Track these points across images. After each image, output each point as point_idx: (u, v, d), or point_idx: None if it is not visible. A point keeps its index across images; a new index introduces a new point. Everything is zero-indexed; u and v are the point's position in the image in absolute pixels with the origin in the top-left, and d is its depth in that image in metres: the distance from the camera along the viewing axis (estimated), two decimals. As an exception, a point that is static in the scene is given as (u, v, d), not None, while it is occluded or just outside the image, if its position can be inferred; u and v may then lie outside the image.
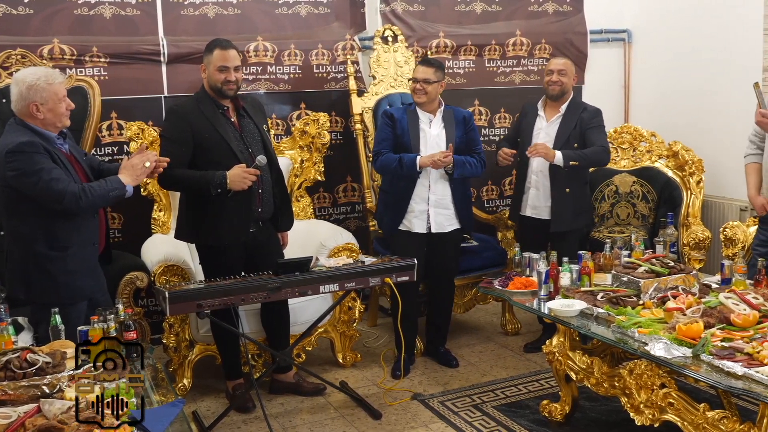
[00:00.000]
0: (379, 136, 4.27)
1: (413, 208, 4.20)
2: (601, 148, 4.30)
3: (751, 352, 2.65)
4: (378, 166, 4.26)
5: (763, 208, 3.74)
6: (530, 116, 4.48)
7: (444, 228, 4.24)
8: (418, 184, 4.18)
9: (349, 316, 4.36)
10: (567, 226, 4.38)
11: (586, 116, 4.36)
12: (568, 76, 4.37)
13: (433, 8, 5.39)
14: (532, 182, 4.44)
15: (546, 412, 3.66)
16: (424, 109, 4.23)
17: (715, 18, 5.19)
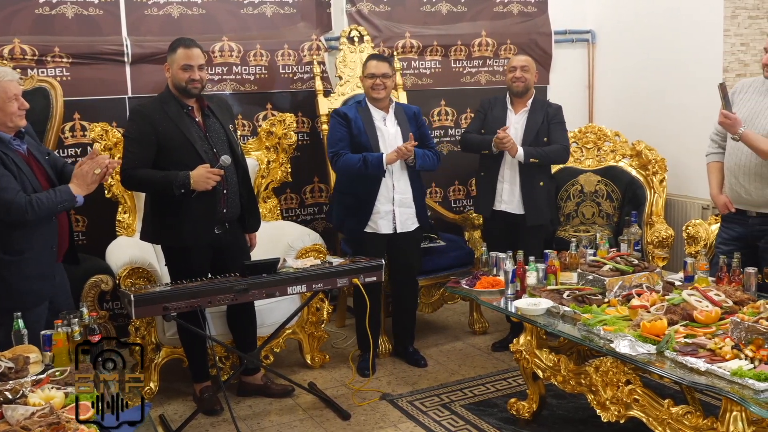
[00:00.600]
0: (334, 136, 4.18)
1: (378, 209, 4.17)
2: (561, 147, 4.37)
3: (713, 348, 2.69)
4: (339, 167, 4.18)
5: (725, 206, 3.79)
6: (498, 110, 4.49)
7: (408, 227, 4.25)
8: (382, 184, 4.15)
9: (317, 317, 4.35)
10: (543, 219, 4.43)
11: (551, 111, 4.43)
12: (531, 72, 4.41)
13: (399, 9, 5.39)
14: (505, 177, 4.45)
15: (514, 410, 3.69)
16: (377, 106, 4.21)
17: (676, 19, 5.26)
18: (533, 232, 4.43)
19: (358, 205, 4.20)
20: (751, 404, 2.37)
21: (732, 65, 4.94)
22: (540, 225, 4.45)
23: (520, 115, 4.44)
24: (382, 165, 4.06)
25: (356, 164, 4.08)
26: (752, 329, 2.67)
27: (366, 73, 4.19)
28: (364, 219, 4.19)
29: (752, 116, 3.62)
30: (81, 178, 3.11)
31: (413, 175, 4.24)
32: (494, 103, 4.53)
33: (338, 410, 3.81)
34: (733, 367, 2.54)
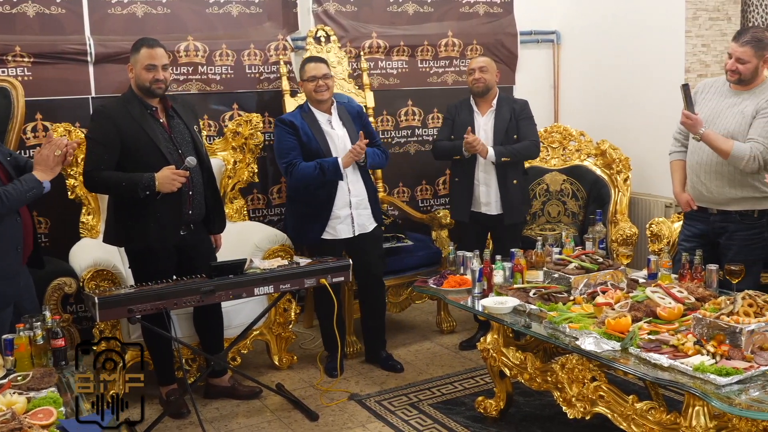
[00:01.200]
0: (285, 145, 4.07)
1: (337, 214, 4.13)
2: (531, 143, 4.40)
3: (676, 344, 2.72)
4: (296, 178, 4.05)
5: (688, 204, 3.85)
6: (465, 114, 4.51)
7: (366, 228, 4.23)
8: (338, 188, 4.11)
9: (284, 318, 4.33)
10: (519, 217, 4.45)
11: (518, 108, 4.46)
12: (490, 72, 4.44)
13: (366, 9, 5.40)
14: (481, 179, 4.47)
15: (481, 409, 3.71)
16: (321, 109, 4.16)
17: (639, 20, 5.33)
18: (511, 231, 4.46)
19: (315, 213, 4.13)
20: (713, 399, 2.41)
21: (693, 66, 5.02)
22: (517, 223, 4.48)
23: (487, 116, 4.46)
24: (339, 169, 4.02)
25: (313, 172, 4.01)
26: (714, 325, 2.71)
27: (306, 76, 4.12)
28: (322, 226, 4.13)
29: (713, 116, 3.67)
30: (43, 163, 3.04)
31: (365, 176, 4.23)
32: (460, 108, 4.55)
33: (306, 411, 3.80)
34: (696, 362, 2.57)
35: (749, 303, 2.78)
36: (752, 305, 2.77)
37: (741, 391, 2.44)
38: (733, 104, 3.65)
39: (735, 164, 3.56)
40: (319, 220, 4.12)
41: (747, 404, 2.38)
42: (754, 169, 3.54)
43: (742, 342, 2.63)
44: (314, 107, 4.17)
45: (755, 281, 3.69)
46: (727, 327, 2.68)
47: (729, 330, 2.67)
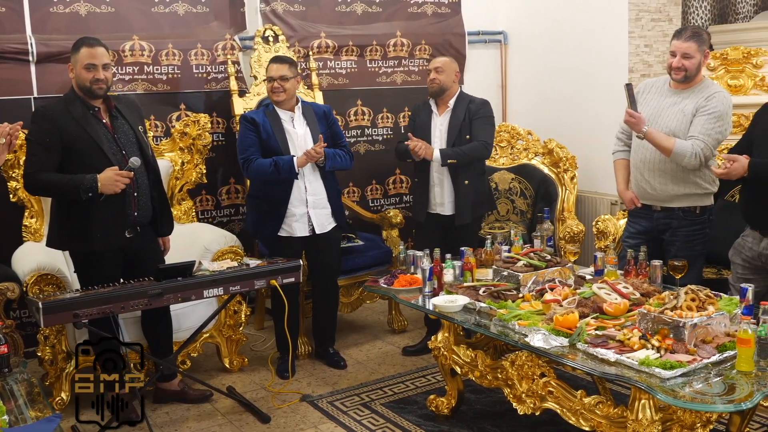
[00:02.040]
0: (245, 142, 4.13)
1: (293, 212, 4.15)
2: (480, 144, 4.39)
3: (622, 339, 2.77)
4: (251, 174, 4.13)
5: (632, 201, 3.92)
6: (424, 114, 4.53)
7: (325, 228, 4.24)
8: (294, 187, 4.13)
9: (234, 320, 4.29)
10: (467, 218, 4.48)
11: (473, 107, 4.46)
12: (446, 73, 4.45)
13: (314, 8, 5.38)
14: (435, 180, 4.49)
15: (433, 407, 3.73)
16: (283, 108, 4.18)
17: (584, 21, 5.42)
18: (463, 232, 4.48)
19: (272, 210, 4.15)
20: (658, 392, 2.46)
21: (637, 66, 5.12)
22: (467, 224, 4.50)
23: (444, 116, 4.48)
24: (293, 168, 4.04)
25: (268, 169, 4.04)
26: (658, 320, 2.77)
27: (266, 76, 4.19)
28: (278, 223, 4.15)
29: (655, 115, 3.75)
30: None
31: (327, 176, 4.23)
32: (421, 108, 4.57)
33: (258, 413, 3.78)
34: (641, 356, 2.62)
35: (692, 297, 2.84)
36: (695, 300, 2.84)
37: (685, 383, 2.50)
38: (674, 103, 3.73)
39: (677, 161, 3.64)
40: (276, 218, 4.15)
41: (691, 396, 2.43)
42: (695, 165, 3.63)
43: (685, 336, 2.69)
44: (277, 106, 4.19)
45: (698, 276, 3.78)
46: (670, 321, 2.74)
47: (673, 324, 2.73)
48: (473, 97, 4.57)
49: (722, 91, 3.72)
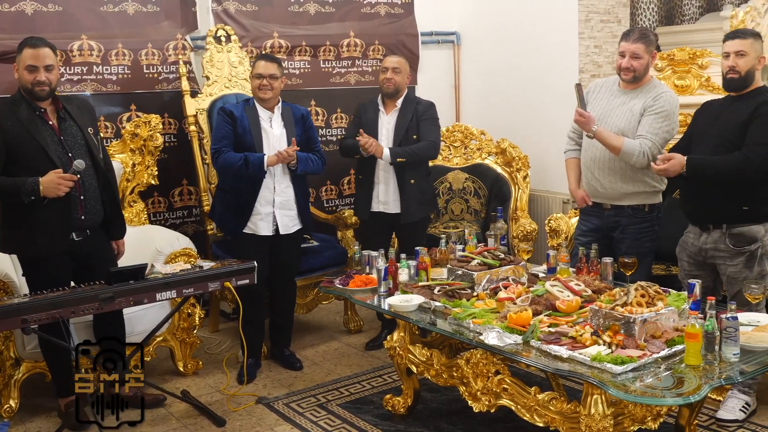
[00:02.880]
0: (219, 133, 4.15)
1: (258, 211, 4.14)
2: (429, 143, 4.45)
3: (574, 335, 2.81)
4: (220, 165, 4.14)
5: (583, 200, 3.98)
6: (371, 112, 4.54)
7: (290, 229, 4.23)
8: (263, 185, 4.12)
9: (188, 323, 4.25)
10: (415, 216, 4.50)
11: (421, 108, 4.50)
12: (402, 74, 4.48)
13: (267, 8, 5.35)
14: (380, 177, 4.50)
15: (389, 406, 3.73)
16: (264, 106, 4.18)
17: (535, 22, 5.48)
18: (411, 229, 4.51)
19: (239, 205, 4.15)
20: (610, 387, 2.50)
21: (587, 66, 5.20)
22: (414, 222, 4.53)
23: (391, 116, 4.50)
24: (263, 166, 4.03)
25: (237, 163, 4.04)
26: (609, 316, 2.82)
27: (254, 73, 4.16)
28: (244, 220, 4.14)
29: (605, 114, 3.82)
30: None
31: (296, 178, 4.22)
32: (368, 107, 4.58)
33: (213, 417, 3.74)
34: (593, 352, 2.66)
35: (642, 294, 2.90)
36: (644, 296, 2.90)
37: (636, 378, 2.54)
38: (622, 103, 3.80)
39: (626, 160, 3.70)
40: (241, 214, 4.14)
41: (641, 391, 2.48)
42: (643, 164, 3.70)
43: (635, 331, 2.74)
44: (258, 103, 4.18)
45: (647, 272, 3.86)
46: (621, 317, 2.79)
47: (623, 320, 2.78)
48: (419, 98, 4.61)
49: (669, 91, 3.80)
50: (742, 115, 3.38)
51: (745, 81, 3.41)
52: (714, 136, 3.46)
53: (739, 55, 3.38)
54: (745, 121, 3.36)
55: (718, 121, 3.48)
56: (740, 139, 3.37)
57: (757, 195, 3.40)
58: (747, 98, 3.42)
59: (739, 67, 3.39)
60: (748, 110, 3.37)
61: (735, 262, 3.43)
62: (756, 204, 3.40)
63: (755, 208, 3.40)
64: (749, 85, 3.42)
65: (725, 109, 3.49)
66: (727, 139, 3.40)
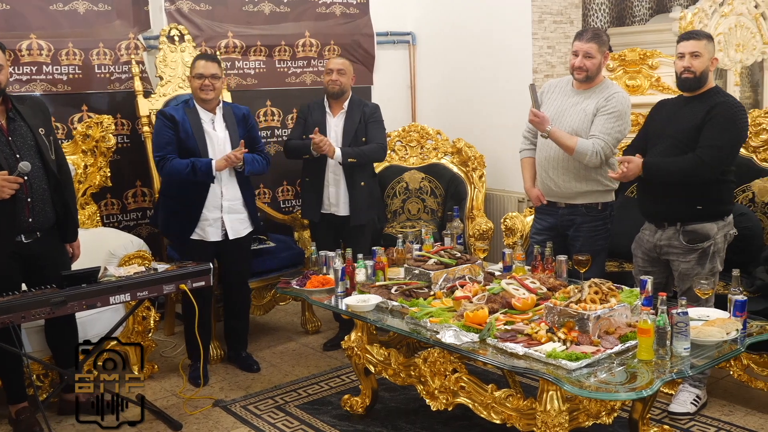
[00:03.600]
0: (161, 139, 4.02)
1: (206, 216, 4.07)
2: (378, 145, 4.48)
3: (530, 332, 2.85)
4: (166, 173, 4.02)
5: (538, 199, 4.03)
6: (317, 114, 4.53)
7: (240, 233, 4.19)
8: (210, 191, 4.05)
9: (143, 326, 4.19)
10: (364, 218, 4.51)
11: (368, 111, 4.52)
12: (347, 75, 4.48)
13: (221, 8, 5.30)
14: (330, 180, 4.50)
15: (348, 407, 3.73)
16: (206, 108, 4.10)
17: (489, 23, 5.52)
18: (359, 232, 4.51)
19: (185, 211, 4.07)
20: (565, 383, 2.54)
21: (540, 66, 5.26)
22: (364, 224, 4.53)
23: (338, 117, 4.50)
24: (211, 172, 3.97)
25: (184, 170, 3.95)
26: (564, 313, 2.86)
27: (194, 73, 4.06)
28: (191, 226, 4.07)
29: (559, 114, 3.87)
30: None
31: (243, 180, 4.17)
32: (313, 108, 4.56)
33: (169, 421, 3.70)
34: (548, 349, 2.70)
35: (595, 291, 2.94)
36: (598, 292, 2.94)
37: (590, 374, 2.58)
38: (576, 103, 3.85)
39: (579, 159, 3.76)
40: (189, 220, 4.07)
41: (596, 386, 2.52)
42: (596, 163, 3.76)
43: (589, 328, 2.79)
44: (199, 105, 4.09)
45: (601, 270, 3.92)
46: (575, 314, 2.83)
47: (578, 317, 2.82)
48: (365, 100, 4.64)
49: (621, 92, 3.86)
50: (696, 117, 3.44)
51: (700, 81, 3.47)
52: (669, 137, 3.52)
53: (694, 56, 3.44)
54: (699, 124, 3.41)
55: (673, 122, 3.54)
56: (694, 141, 3.42)
57: (711, 195, 3.47)
58: (701, 99, 3.48)
59: (695, 67, 3.45)
60: (702, 112, 3.42)
61: (688, 258, 3.50)
62: (710, 203, 3.47)
63: (709, 207, 3.47)
64: (703, 85, 3.48)
65: (680, 110, 3.55)
66: (681, 141, 3.46)
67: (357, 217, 4.47)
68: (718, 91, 3.52)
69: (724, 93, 3.55)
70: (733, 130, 3.41)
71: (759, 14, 6.00)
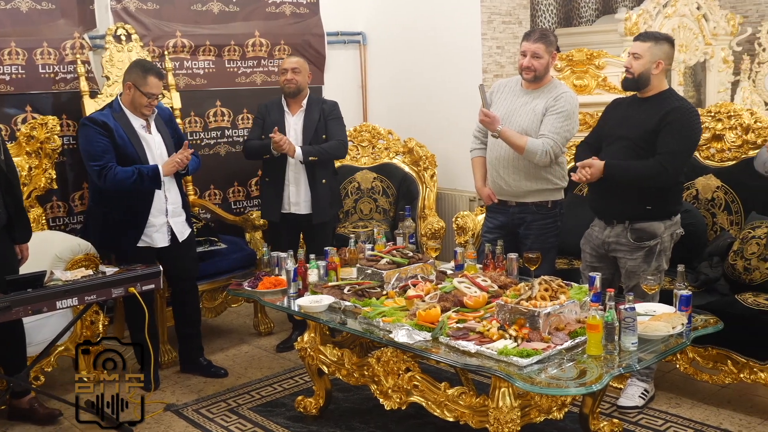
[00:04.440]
0: (97, 148, 3.81)
1: (153, 223, 3.99)
2: (338, 142, 4.47)
3: (482, 330, 2.87)
4: (110, 183, 3.81)
5: (489, 197, 4.06)
6: (275, 113, 4.51)
7: (184, 235, 4.14)
8: (155, 196, 3.97)
9: (92, 331, 4.11)
10: (326, 216, 4.51)
11: (327, 108, 4.52)
12: (302, 74, 4.47)
13: (169, 7, 5.23)
14: (290, 179, 4.47)
15: (301, 408, 3.72)
16: (135, 114, 3.96)
17: (439, 23, 5.56)
18: (320, 230, 4.50)
19: (131, 220, 3.96)
20: (516, 380, 2.56)
21: (490, 67, 5.31)
22: (325, 222, 4.52)
23: (297, 116, 4.49)
24: (159, 177, 3.89)
25: (130, 178, 3.82)
26: (515, 310, 2.89)
27: (146, 91, 3.85)
28: (138, 234, 3.97)
29: (509, 114, 3.91)
30: None
31: (179, 182, 4.14)
32: (271, 108, 4.54)
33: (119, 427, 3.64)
34: (500, 346, 2.72)
35: (545, 288, 2.98)
36: (548, 290, 2.98)
37: (541, 370, 2.62)
38: (525, 102, 3.90)
39: (529, 158, 3.80)
40: (135, 228, 3.96)
41: (546, 382, 2.55)
42: (546, 162, 3.81)
43: (540, 324, 2.82)
44: (130, 110, 3.94)
45: (551, 267, 3.97)
46: (526, 311, 2.86)
47: (528, 314, 2.85)
48: (323, 98, 4.63)
49: (569, 91, 3.92)
50: (651, 121, 3.47)
51: (638, 82, 3.52)
52: (623, 138, 3.55)
53: (634, 57, 3.51)
54: (655, 128, 3.45)
55: (626, 123, 3.58)
56: (649, 143, 3.47)
57: (660, 195, 3.52)
58: (655, 102, 3.52)
59: (633, 68, 3.51)
60: (656, 116, 3.46)
61: (634, 256, 3.56)
62: (659, 203, 3.53)
63: (658, 207, 3.53)
64: (642, 87, 3.53)
65: (634, 111, 3.58)
66: (636, 143, 3.50)
67: (319, 215, 4.46)
68: (671, 94, 3.57)
69: (679, 97, 3.59)
70: (690, 136, 3.49)
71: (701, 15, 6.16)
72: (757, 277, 3.63)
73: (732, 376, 3.56)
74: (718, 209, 4.11)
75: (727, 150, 4.15)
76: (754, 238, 3.71)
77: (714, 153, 4.20)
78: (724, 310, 3.43)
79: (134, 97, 3.91)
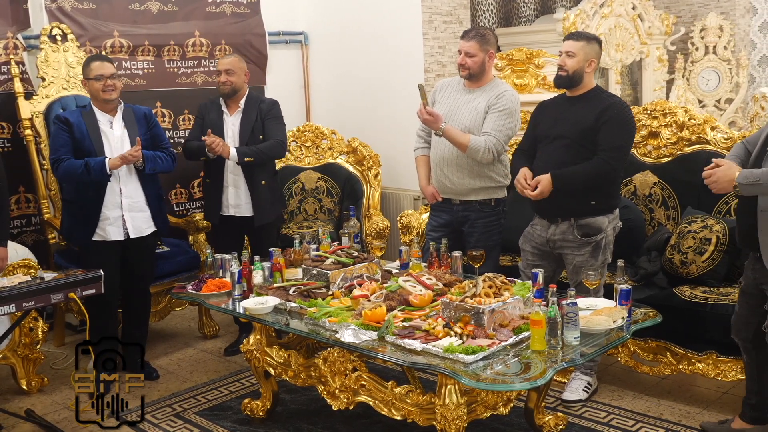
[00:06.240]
0: (56, 142, 3.96)
1: (107, 216, 3.98)
2: (276, 142, 4.43)
3: (427, 328, 2.89)
4: (60, 174, 3.96)
5: (433, 196, 4.09)
6: (214, 113, 4.47)
7: (143, 232, 4.10)
8: (108, 189, 3.96)
9: (31, 337, 4.02)
10: (269, 218, 4.47)
11: (265, 107, 4.47)
12: (237, 74, 4.42)
13: (105, 6, 5.13)
14: (229, 180, 4.43)
15: (248, 411, 3.69)
16: (103, 109, 4.01)
17: (381, 23, 5.57)
18: (264, 232, 4.47)
19: (86, 213, 3.98)
20: (462, 377, 2.59)
21: (432, 66, 5.35)
22: (269, 224, 4.49)
23: (235, 116, 4.45)
24: (105, 170, 3.88)
25: (78, 170, 3.87)
26: (460, 308, 2.92)
27: (92, 75, 3.95)
28: (92, 227, 3.97)
29: (451, 112, 3.94)
30: None
31: (146, 179, 4.08)
32: (210, 108, 4.50)
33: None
34: (445, 344, 2.74)
35: (489, 285, 3.02)
36: (492, 287, 3.01)
37: (486, 366, 2.65)
38: (467, 101, 3.94)
39: (473, 156, 3.84)
40: (89, 221, 3.98)
41: (492, 378, 2.58)
42: (489, 160, 3.85)
43: (484, 321, 2.85)
44: (97, 107, 4.01)
45: (495, 264, 4.02)
46: (471, 308, 2.89)
47: (473, 311, 2.88)
48: (262, 96, 4.60)
49: (510, 90, 3.97)
50: (587, 118, 3.53)
51: (572, 80, 3.58)
52: (561, 137, 3.60)
53: (568, 56, 3.57)
54: (593, 125, 3.51)
55: (561, 122, 3.62)
56: (588, 141, 3.52)
57: (604, 190, 3.59)
58: (587, 100, 3.58)
59: (567, 66, 3.57)
60: (592, 114, 3.52)
61: (582, 252, 3.62)
62: (602, 198, 3.59)
63: (602, 202, 3.59)
64: (575, 84, 3.59)
65: (567, 110, 3.63)
66: (574, 141, 3.55)
67: (261, 217, 4.43)
68: (602, 91, 3.65)
69: (609, 94, 3.69)
70: (630, 131, 3.58)
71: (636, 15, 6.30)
72: (694, 271, 3.74)
73: (671, 368, 3.66)
74: (655, 205, 4.22)
75: (663, 147, 4.26)
76: (690, 232, 3.82)
77: (651, 150, 4.31)
78: (663, 303, 3.52)
79: (90, 89, 4.03)
